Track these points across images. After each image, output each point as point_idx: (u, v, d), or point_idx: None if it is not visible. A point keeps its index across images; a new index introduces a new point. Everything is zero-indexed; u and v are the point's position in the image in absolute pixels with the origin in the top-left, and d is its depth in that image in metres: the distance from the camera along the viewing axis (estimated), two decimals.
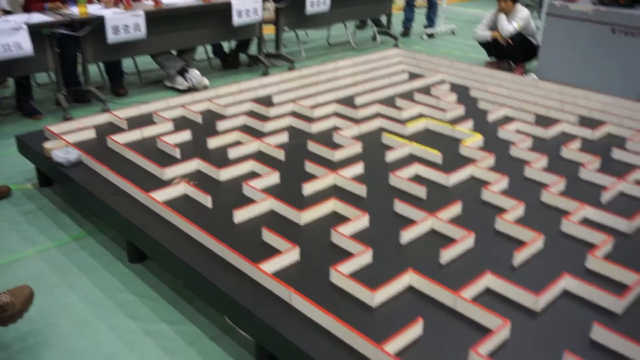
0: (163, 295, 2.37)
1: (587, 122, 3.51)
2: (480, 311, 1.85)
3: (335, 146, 3.09)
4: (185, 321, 2.23)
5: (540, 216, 2.48)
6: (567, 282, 2.02)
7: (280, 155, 2.98)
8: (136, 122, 3.38)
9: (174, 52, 4.87)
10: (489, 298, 1.97)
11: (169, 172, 2.75)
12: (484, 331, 1.81)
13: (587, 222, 2.44)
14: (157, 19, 4.38)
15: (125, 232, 2.49)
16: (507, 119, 3.58)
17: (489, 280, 2.02)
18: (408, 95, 3.95)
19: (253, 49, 5.66)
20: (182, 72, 4.76)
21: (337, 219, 2.43)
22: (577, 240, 2.31)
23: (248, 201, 2.53)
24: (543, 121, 3.52)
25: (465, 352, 1.71)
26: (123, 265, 2.55)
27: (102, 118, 3.44)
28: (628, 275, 2.04)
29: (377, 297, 1.92)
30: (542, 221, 2.43)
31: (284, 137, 3.21)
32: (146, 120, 3.44)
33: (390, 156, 2.99)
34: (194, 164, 2.85)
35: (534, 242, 2.22)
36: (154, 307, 2.30)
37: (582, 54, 4.74)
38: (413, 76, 4.42)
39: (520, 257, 2.16)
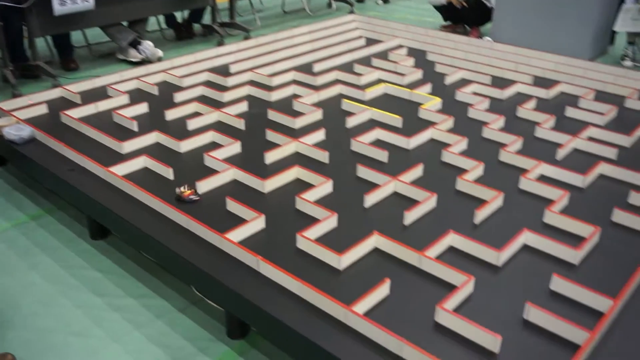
0: (128, 271, 2.34)
1: (542, 82, 3.59)
2: (444, 269, 1.90)
3: (296, 114, 3.08)
4: (152, 295, 2.22)
5: (499, 175, 2.54)
6: (527, 237, 2.08)
7: (241, 124, 2.95)
8: (90, 96, 3.29)
9: (125, 24, 4.72)
10: (452, 256, 2.02)
11: (127, 146, 2.69)
12: (449, 287, 1.86)
13: (543, 178, 2.51)
14: None
15: (86, 208, 2.44)
16: (464, 82, 3.62)
17: (452, 239, 2.07)
18: (366, 61, 3.95)
19: (207, 19, 5.54)
20: (135, 44, 4.63)
21: (301, 185, 2.44)
22: (535, 197, 2.38)
23: (210, 172, 2.51)
24: (499, 82, 3.58)
25: (432, 309, 1.76)
26: (85, 243, 2.50)
27: (54, 93, 3.33)
28: (584, 227, 2.12)
29: (344, 260, 1.95)
30: (501, 180, 2.49)
31: (243, 107, 3.17)
32: (100, 94, 3.35)
33: (351, 122, 3.00)
34: (152, 137, 2.80)
35: (493, 200, 2.27)
36: (119, 283, 2.28)
37: (535, 15, 4.81)
38: (370, 42, 4.41)
39: (481, 215, 2.21)
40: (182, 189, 2.30)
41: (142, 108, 3.14)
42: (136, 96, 3.33)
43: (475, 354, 1.62)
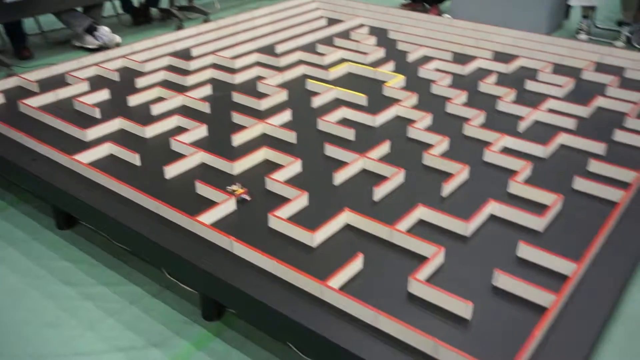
0: (98, 259, 2.32)
1: (501, 57, 3.65)
2: (415, 241, 1.94)
3: (261, 95, 3.07)
4: (125, 281, 2.20)
5: (464, 148, 2.59)
6: (493, 207, 2.14)
7: (205, 108, 2.93)
8: (48, 85, 3.21)
9: (79, 9, 4.60)
10: (422, 228, 2.07)
11: (90, 133, 2.65)
12: (420, 259, 1.90)
13: (507, 150, 2.57)
14: None
15: (52, 198, 2.40)
16: (426, 59, 3.66)
17: (421, 212, 2.11)
18: (328, 41, 3.95)
19: (164, 3, 5.44)
20: (91, 30, 4.52)
21: (270, 166, 2.44)
22: (499, 168, 2.44)
23: (178, 156, 2.49)
24: (460, 58, 3.63)
25: (405, 280, 1.80)
26: (52, 233, 2.46)
27: (10, 82, 3.23)
28: (547, 195, 2.19)
29: (316, 238, 1.97)
30: (465, 153, 2.54)
31: (207, 90, 3.15)
32: (59, 81, 3.27)
33: (317, 102, 3.01)
34: (116, 123, 2.75)
35: (459, 173, 2.32)
36: (90, 272, 2.25)
37: None
38: (331, 21, 4.41)
39: (448, 188, 2.26)
40: (233, 187, 2.20)
41: (104, 95, 3.08)
42: (96, 83, 3.27)
43: (448, 320, 1.67)
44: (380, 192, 2.23)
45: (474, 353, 1.52)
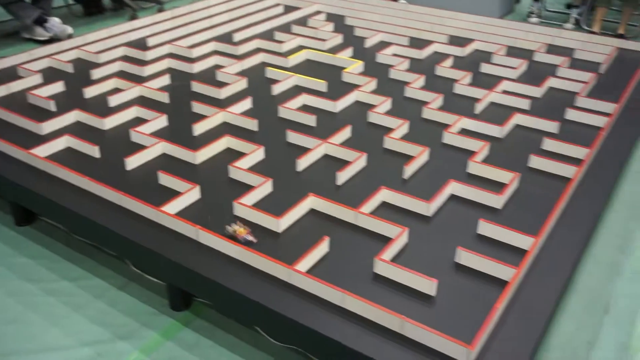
0: (60, 254, 2.28)
1: (457, 40, 3.72)
2: (379, 223, 1.97)
3: (220, 84, 3.06)
4: (88, 275, 2.17)
5: (424, 131, 2.64)
6: (453, 187, 2.19)
7: (164, 98, 2.90)
8: None
9: (28, 0, 4.47)
10: (386, 210, 2.10)
11: (46, 126, 2.59)
12: (385, 240, 1.94)
13: (465, 131, 2.63)
14: None
15: (9, 194, 2.34)
16: (383, 44, 3.69)
17: (384, 195, 2.15)
18: (286, 28, 3.94)
19: None
20: (41, 22, 4.40)
21: (233, 154, 2.44)
22: (458, 149, 2.49)
23: (138, 147, 2.46)
24: (417, 43, 3.68)
25: (371, 261, 1.83)
26: (10, 230, 2.41)
27: None
28: (504, 174, 2.25)
29: (282, 223, 1.98)
30: (425, 135, 2.59)
31: (165, 80, 3.11)
32: (10, 74, 3.17)
33: (277, 89, 3.01)
34: (72, 116, 2.70)
35: (420, 155, 2.37)
36: (52, 267, 2.22)
37: None
38: (288, 9, 4.40)
39: (409, 170, 2.30)
40: (234, 227, 1.94)
41: (58, 87, 3.01)
42: (50, 75, 3.19)
43: (414, 298, 1.71)
44: (343, 176, 2.26)
45: (440, 328, 1.56)
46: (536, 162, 2.36)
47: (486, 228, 1.97)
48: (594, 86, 3.11)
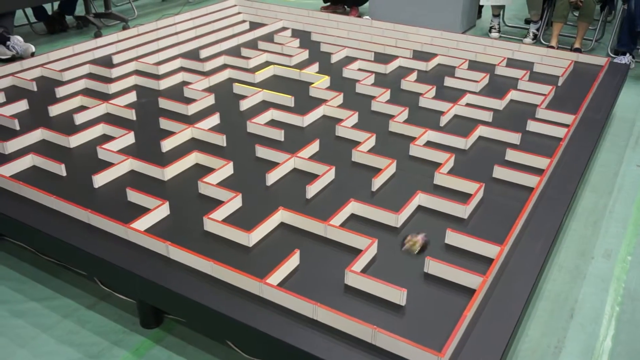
0: (26, 274, 2.24)
1: (420, 55, 3.80)
2: (349, 235, 2.00)
3: (188, 100, 3.06)
4: (56, 295, 2.14)
5: (390, 144, 2.69)
6: (420, 199, 2.24)
7: (131, 115, 2.89)
8: None
9: None
10: (355, 222, 2.13)
11: (10, 145, 2.55)
12: (355, 252, 1.96)
13: (430, 144, 2.69)
14: None
15: None
16: (349, 59, 3.75)
17: (353, 207, 2.17)
18: (252, 44, 3.97)
19: (80, 10, 5.28)
20: (2, 40, 4.33)
21: (202, 170, 2.44)
22: (424, 161, 2.54)
23: (106, 165, 2.45)
24: (381, 58, 3.75)
25: (341, 273, 1.86)
26: None
27: None
28: (469, 185, 2.31)
29: (252, 237, 1.99)
30: (392, 148, 2.64)
31: (132, 97, 3.09)
32: None
33: (244, 105, 3.03)
34: (37, 134, 2.66)
35: (387, 168, 2.41)
36: (18, 288, 2.18)
37: None
38: (254, 25, 4.43)
39: (377, 182, 2.34)
40: (407, 246, 1.98)
41: (22, 105, 2.97)
42: (13, 94, 3.14)
43: (384, 308, 1.74)
44: (312, 189, 2.28)
45: (411, 337, 1.59)
46: (500, 172, 2.42)
47: (453, 238, 2.01)
48: (553, 98, 3.21)
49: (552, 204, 2.26)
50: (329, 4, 5.81)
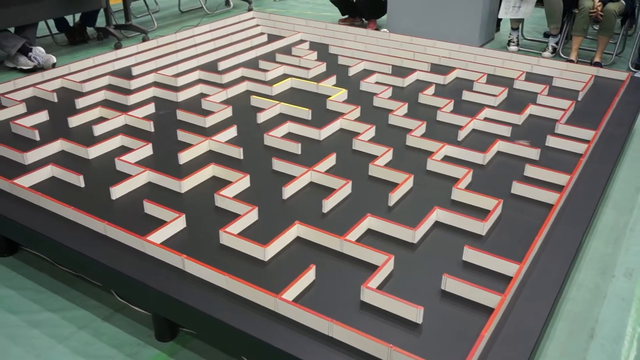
0: (43, 284, 2.25)
1: (438, 69, 3.79)
2: (365, 250, 1.98)
3: (206, 112, 3.07)
4: (72, 306, 2.15)
5: (408, 158, 2.67)
6: (438, 214, 2.22)
7: (150, 126, 2.91)
8: None
9: (11, 30, 4.47)
10: (371, 238, 2.12)
11: (30, 156, 2.58)
12: (371, 268, 1.95)
13: (448, 159, 2.67)
14: None
15: None
16: (366, 72, 3.75)
17: (369, 222, 2.16)
18: (270, 57, 3.99)
19: (101, 21, 5.35)
20: (25, 51, 4.40)
21: (218, 183, 2.44)
22: (442, 176, 2.52)
23: (123, 176, 2.46)
24: (399, 71, 3.74)
25: (357, 289, 1.84)
26: None
27: None
28: (487, 201, 2.28)
29: (268, 252, 1.98)
30: (409, 163, 2.62)
31: (150, 109, 3.12)
32: None
33: (262, 117, 3.03)
34: (57, 145, 2.69)
35: (404, 183, 2.39)
36: (35, 298, 2.19)
37: (427, 7, 5.04)
38: (272, 38, 4.45)
39: (394, 197, 2.32)
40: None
41: (42, 116, 3.01)
42: (34, 104, 3.19)
43: (401, 325, 1.72)
44: (329, 204, 2.27)
45: (427, 356, 1.57)
46: (519, 188, 2.40)
47: (471, 255, 1.99)
48: (573, 113, 3.18)
49: (572, 221, 2.22)
50: (346, 16, 5.83)
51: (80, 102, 3.17)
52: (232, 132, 2.86)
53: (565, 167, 2.59)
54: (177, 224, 2.12)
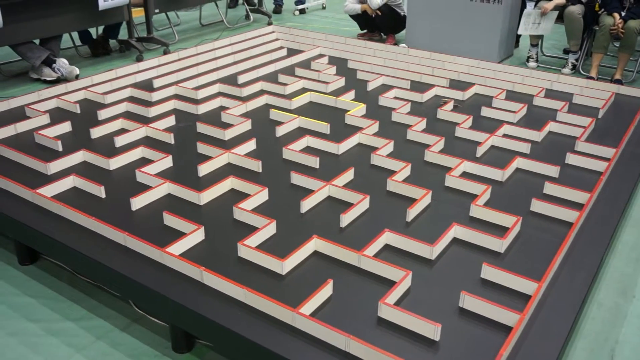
0: (63, 293, 2.28)
1: (457, 84, 3.79)
2: (383, 266, 1.98)
3: (225, 125, 3.10)
4: (91, 316, 2.17)
5: (426, 174, 2.67)
6: (456, 231, 2.21)
7: (170, 138, 2.94)
8: (7, 118, 3.17)
9: (36, 42, 4.56)
10: (389, 253, 2.11)
11: (53, 166, 2.62)
12: (388, 283, 1.94)
13: (466, 175, 2.66)
14: (14, 5, 4.06)
15: (14, 233, 2.35)
16: (385, 87, 3.76)
17: (387, 237, 2.16)
18: (289, 71, 4.02)
19: (123, 34, 5.43)
20: (49, 62, 4.48)
21: (237, 196, 2.46)
22: (460, 192, 2.52)
23: (144, 188, 2.49)
24: (418, 87, 3.75)
25: (375, 304, 1.84)
26: (14, 269, 2.41)
27: None
28: (506, 218, 2.27)
29: (286, 265, 1.99)
30: (427, 178, 2.62)
31: (171, 121, 3.16)
32: (18, 114, 3.23)
33: (280, 131, 3.05)
34: (79, 156, 2.73)
35: (422, 198, 2.39)
36: (54, 307, 2.21)
37: (446, 22, 5.05)
38: (291, 52, 4.49)
39: (412, 213, 2.32)
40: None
41: (65, 127, 3.06)
42: (57, 115, 3.24)
43: (418, 343, 1.71)
44: (346, 218, 2.27)
45: None
46: (538, 206, 2.38)
47: (489, 272, 1.98)
48: (593, 131, 3.16)
49: (592, 239, 2.20)
50: (365, 31, 5.86)
51: (103, 114, 3.22)
52: (251, 145, 2.88)
53: (585, 185, 2.56)
54: (196, 236, 2.14)
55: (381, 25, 5.64)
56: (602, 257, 2.13)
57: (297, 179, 2.56)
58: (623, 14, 4.42)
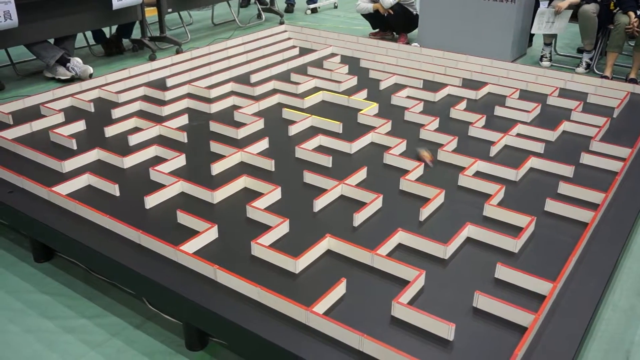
0: (78, 291, 2.30)
1: (470, 83, 3.77)
2: (396, 265, 1.98)
3: (238, 124, 3.11)
4: (105, 313, 2.18)
5: (439, 173, 2.66)
6: (469, 230, 2.20)
7: (183, 137, 2.95)
8: (22, 116, 3.20)
9: (51, 41, 4.59)
10: (402, 252, 2.11)
11: (68, 165, 2.64)
12: (402, 283, 1.94)
13: (480, 174, 2.65)
14: (29, 5, 4.10)
15: (29, 230, 2.38)
16: (397, 86, 3.75)
17: (400, 237, 2.16)
18: (302, 70, 4.02)
19: (136, 33, 5.46)
20: (63, 62, 4.51)
21: (250, 194, 2.47)
22: (474, 192, 2.51)
23: (157, 186, 2.50)
24: (430, 86, 3.73)
25: (388, 304, 1.83)
26: (29, 266, 2.43)
27: None
28: (520, 218, 2.26)
29: (299, 264, 1.99)
30: (441, 178, 2.61)
31: (184, 120, 3.17)
32: (33, 113, 3.26)
33: (293, 130, 3.06)
34: (93, 154, 2.75)
35: (436, 198, 2.38)
36: (70, 304, 2.23)
37: (458, 21, 5.04)
38: (304, 51, 4.49)
39: (425, 212, 2.31)
40: (423, 152, 2.48)
41: (80, 126, 3.08)
42: (71, 114, 3.27)
43: (431, 342, 1.70)
44: (360, 217, 2.27)
45: None
46: (552, 206, 2.37)
47: (503, 272, 1.97)
48: (608, 130, 3.13)
49: (607, 240, 2.19)
50: (377, 30, 5.85)
51: (116, 112, 3.24)
52: (264, 144, 2.88)
53: (600, 185, 2.54)
54: (209, 234, 2.15)
55: (393, 24, 5.63)
56: (617, 257, 2.11)
57: (310, 177, 2.56)
58: (639, 12, 4.37)
